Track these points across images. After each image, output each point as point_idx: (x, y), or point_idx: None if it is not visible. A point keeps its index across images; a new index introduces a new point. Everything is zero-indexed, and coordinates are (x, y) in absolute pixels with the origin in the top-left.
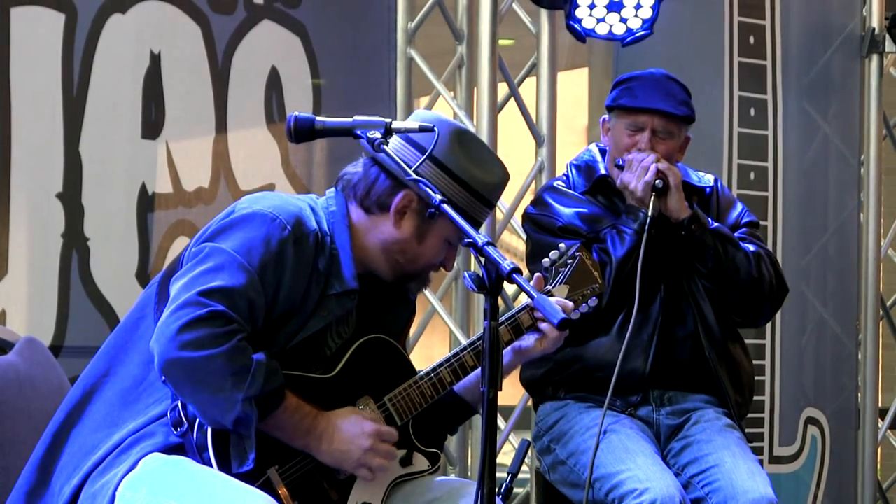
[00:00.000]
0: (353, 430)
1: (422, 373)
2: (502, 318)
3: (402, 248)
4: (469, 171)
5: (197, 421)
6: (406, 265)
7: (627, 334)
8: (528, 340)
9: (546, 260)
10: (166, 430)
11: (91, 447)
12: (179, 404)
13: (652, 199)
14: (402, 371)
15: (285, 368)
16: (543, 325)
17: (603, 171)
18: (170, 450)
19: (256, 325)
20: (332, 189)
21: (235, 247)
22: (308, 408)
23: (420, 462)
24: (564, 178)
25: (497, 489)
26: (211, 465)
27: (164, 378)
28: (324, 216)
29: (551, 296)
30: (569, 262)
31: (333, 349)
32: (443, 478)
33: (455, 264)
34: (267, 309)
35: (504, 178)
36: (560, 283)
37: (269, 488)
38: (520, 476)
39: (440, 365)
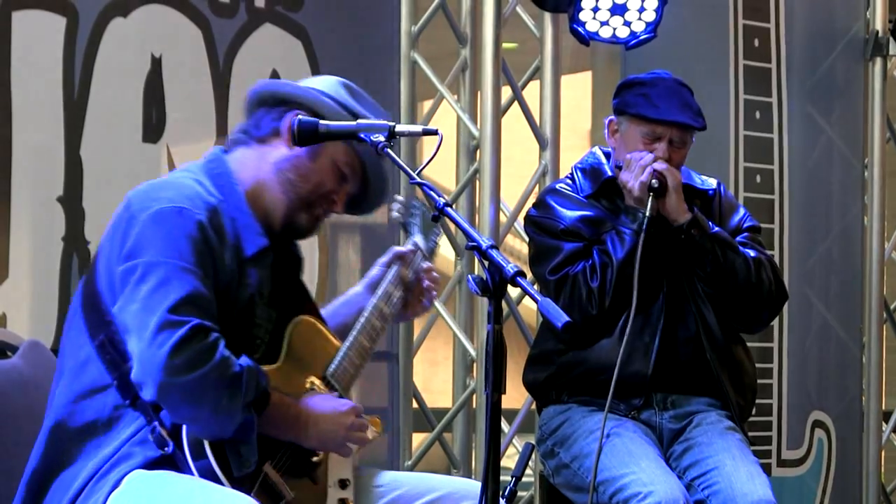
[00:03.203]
0: (332, 410)
1: (346, 343)
2: (378, 295)
3: (296, 164)
4: (360, 111)
5: (185, 438)
6: (299, 183)
7: (626, 336)
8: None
9: (396, 215)
10: (142, 447)
11: (69, 481)
12: (157, 423)
13: (650, 199)
14: (328, 345)
15: None
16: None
17: (609, 174)
18: (151, 465)
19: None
20: (208, 152)
21: (165, 252)
22: (287, 398)
23: (371, 431)
24: (569, 181)
25: (501, 492)
26: (216, 476)
27: (159, 402)
28: (210, 182)
29: (424, 258)
30: (414, 212)
31: (262, 325)
32: (447, 476)
33: (459, 268)
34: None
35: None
36: (417, 232)
37: (267, 485)
38: (524, 479)
39: (359, 332)
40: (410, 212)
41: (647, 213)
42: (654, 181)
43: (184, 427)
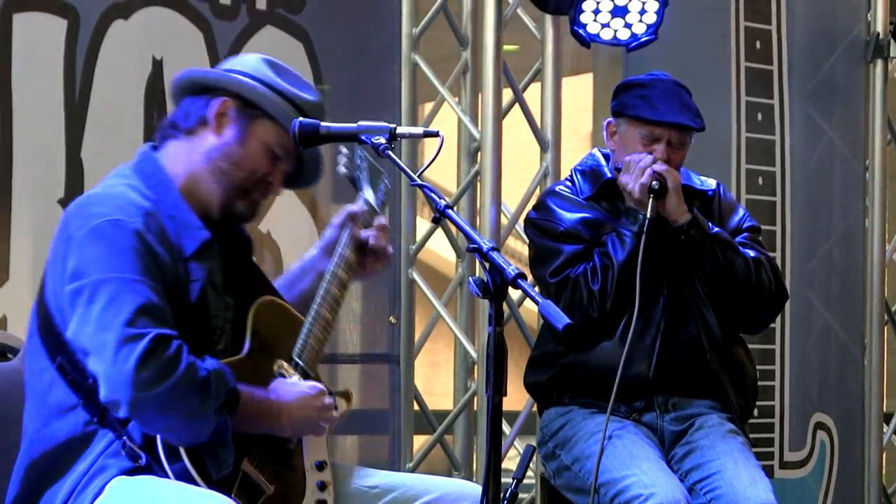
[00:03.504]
0: (302, 397)
1: (308, 319)
2: (335, 262)
3: (227, 152)
4: (287, 88)
5: (159, 447)
6: (233, 171)
7: (629, 339)
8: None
9: (343, 170)
10: (116, 459)
11: (51, 501)
12: (126, 439)
13: (650, 200)
14: (291, 322)
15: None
16: (372, 243)
17: (609, 176)
18: (130, 473)
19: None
20: (139, 151)
21: (110, 268)
22: (257, 393)
23: (342, 405)
24: (568, 183)
25: (502, 494)
26: (191, 476)
27: (131, 417)
28: (143, 183)
29: (374, 212)
30: (361, 164)
31: (220, 315)
32: (442, 478)
33: (460, 270)
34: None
35: (320, 100)
36: (366, 187)
37: (248, 482)
38: (525, 481)
39: (319, 306)
40: (357, 164)
41: (648, 215)
42: (654, 182)
43: (158, 436)
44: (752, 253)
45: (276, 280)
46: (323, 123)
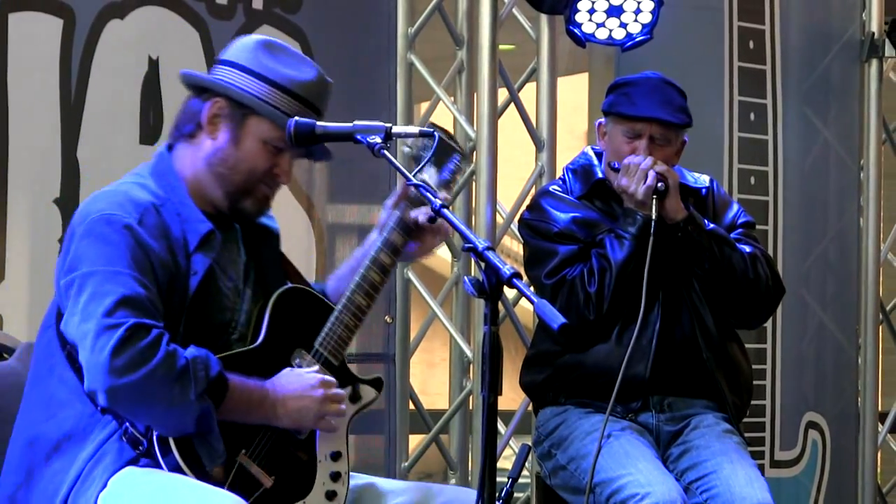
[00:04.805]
0: (300, 386)
1: (339, 306)
2: (377, 246)
3: (222, 157)
4: (281, 73)
5: (154, 435)
6: (231, 175)
7: (633, 338)
8: (415, 250)
9: (406, 149)
10: (117, 448)
11: (53, 491)
12: (129, 424)
13: (653, 202)
14: (319, 310)
15: (214, 351)
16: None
17: (600, 175)
18: (132, 463)
19: (163, 315)
20: (156, 152)
21: (97, 261)
22: (250, 382)
23: (367, 393)
24: (561, 182)
25: (497, 494)
26: (183, 472)
27: (113, 407)
28: (153, 182)
29: (426, 184)
30: (427, 143)
31: (230, 306)
32: (441, 485)
33: (455, 270)
34: (158, 292)
35: (320, 76)
36: (428, 166)
37: (243, 474)
38: (520, 481)
39: (353, 292)
40: (424, 143)
41: (654, 218)
42: (659, 184)
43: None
44: (747, 248)
45: (338, 269)
46: (319, 123)
